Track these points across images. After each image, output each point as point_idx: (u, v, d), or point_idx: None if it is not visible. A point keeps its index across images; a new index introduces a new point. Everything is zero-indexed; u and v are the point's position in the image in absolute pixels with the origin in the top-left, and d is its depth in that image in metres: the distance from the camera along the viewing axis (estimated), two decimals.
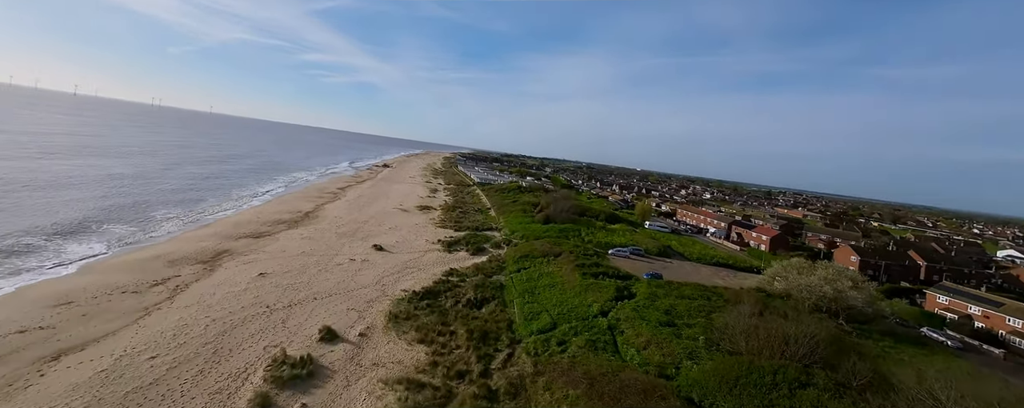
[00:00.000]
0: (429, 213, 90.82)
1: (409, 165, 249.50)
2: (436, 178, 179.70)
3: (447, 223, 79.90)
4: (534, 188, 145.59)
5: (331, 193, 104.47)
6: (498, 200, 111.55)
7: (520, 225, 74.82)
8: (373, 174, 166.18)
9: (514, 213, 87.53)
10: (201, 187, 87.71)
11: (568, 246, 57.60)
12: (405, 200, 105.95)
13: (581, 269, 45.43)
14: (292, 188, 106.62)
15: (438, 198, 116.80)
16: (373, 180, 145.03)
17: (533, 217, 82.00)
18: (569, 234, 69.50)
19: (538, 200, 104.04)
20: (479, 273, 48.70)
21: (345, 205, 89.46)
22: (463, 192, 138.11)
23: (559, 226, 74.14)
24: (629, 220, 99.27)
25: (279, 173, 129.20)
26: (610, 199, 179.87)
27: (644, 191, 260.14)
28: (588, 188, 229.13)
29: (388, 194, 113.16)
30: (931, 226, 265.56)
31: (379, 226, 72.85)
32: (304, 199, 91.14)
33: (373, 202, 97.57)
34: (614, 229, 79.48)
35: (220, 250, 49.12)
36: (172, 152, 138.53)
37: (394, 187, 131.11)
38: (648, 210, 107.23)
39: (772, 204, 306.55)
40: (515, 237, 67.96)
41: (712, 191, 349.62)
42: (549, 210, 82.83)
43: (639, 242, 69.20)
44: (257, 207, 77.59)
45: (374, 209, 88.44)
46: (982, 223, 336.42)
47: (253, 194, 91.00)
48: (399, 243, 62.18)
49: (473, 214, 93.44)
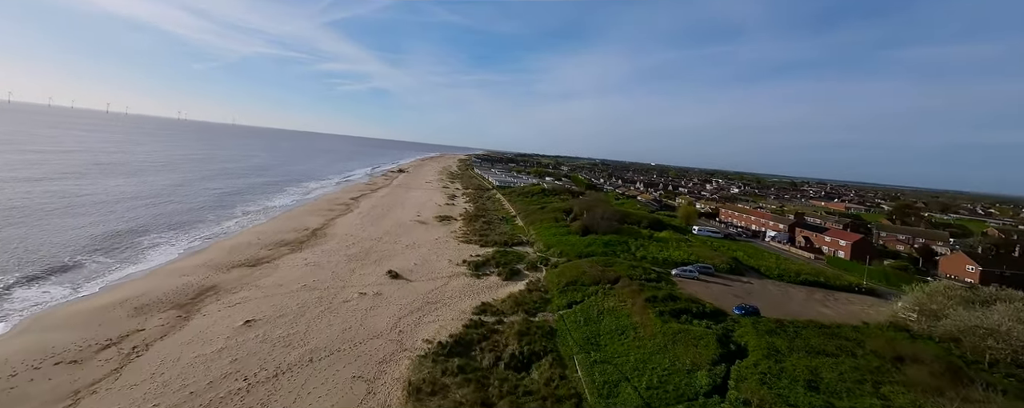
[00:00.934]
0: (449, 225, 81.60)
1: (425, 169, 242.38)
2: (453, 183, 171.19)
3: (471, 237, 70.40)
4: (558, 190, 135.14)
5: (343, 204, 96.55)
6: (523, 206, 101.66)
7: (555, 238, 64.66)
8: (388, 181, 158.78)
9: (545, 222, 77.42)
10: (206, 204, 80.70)
11: (622, 267, 47.18)
12: (422, 209, 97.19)
13: (653, 305, 35.03)
14: (304, 200, 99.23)
15: (458, 205, 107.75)
16: (388, 187, 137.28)
17: (568, 227, 71.69)
18: (615, 248, 58.98)
19: (567, 205, 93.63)
20: (519, 308, 38.81)
21: (358, 218, 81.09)
22: (483, 197, 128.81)
23: (601, 238, 63.63)
24: (673, 225, 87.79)
25: (291, 184, 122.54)
26: (639, 199, 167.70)
27: (671, 188, 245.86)
28: (611, 187, 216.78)
29: (404, 203, 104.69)
30: (982, 214, 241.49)
31: (394, 243, 63.88)
32: (314, 213, 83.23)
33: (388, 213, 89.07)
34: (663, 239, 68.44)
35: (205, 286, 40.69)
36: (186, 167, 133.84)
37: (410, 194, 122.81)
38: (693, 213, 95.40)
39: (803, 196, 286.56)
40: (552, 254, 57.84)
41: (738, 185, 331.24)
42: (585, 218, 72.37)
43: (701, 255, 58.02)
44: (261, 226, 69.77)
45: (389, 222, 79.78)
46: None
47: (262, 209, 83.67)
48: (418, 266, 52.91)
49: (498, 224, 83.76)
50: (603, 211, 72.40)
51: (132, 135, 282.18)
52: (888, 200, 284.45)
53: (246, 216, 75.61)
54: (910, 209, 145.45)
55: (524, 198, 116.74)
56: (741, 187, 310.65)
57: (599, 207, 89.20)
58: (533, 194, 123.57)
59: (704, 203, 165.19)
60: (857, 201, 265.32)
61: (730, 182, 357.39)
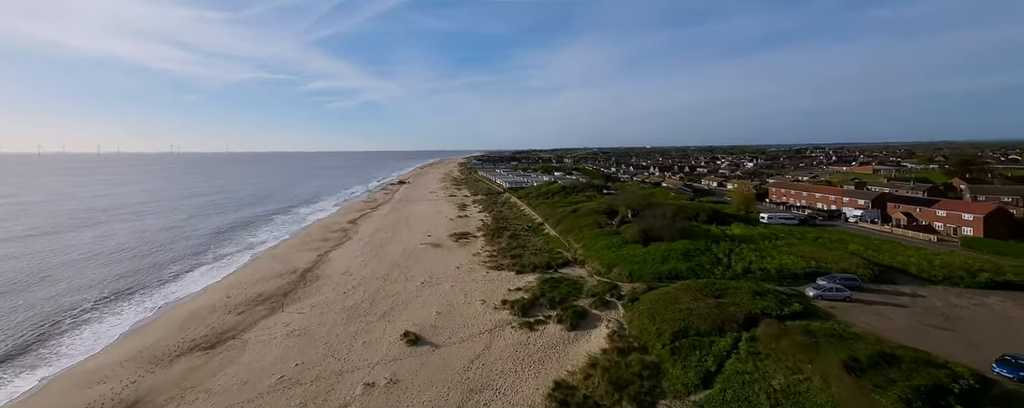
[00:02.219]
0: (469, 244, 67.05)
1: (426, 177, 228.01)
2: (459, 189, 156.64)
3: (501, 260, 55.86)
4: (578, 186, 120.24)
5: (340, 231, 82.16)
6: (548, 210, 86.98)
7: (611, 252, 49.98)
8: (389, 195, 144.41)
9: (586, 230, 62.73)
10: (174, 253, 66.25)
11: (740, 296, 32.46)
12: (433, 227, 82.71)
13: (864, 376, 20.26)
14: (296, 231, 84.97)
15: (471, 216, 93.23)
16: (390, 203, 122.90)
17: (620, 234, 56.95)
18: (701, 260, 44.26)
19: (603, 204, 78.90)
20: (619, 394, 24.18)
21: (358, 248, 66.68)
22: (497, 203, 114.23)
23: (671, 246, 48.86)
24: (736, 216, 72.94)
25: (282, 213, 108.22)
26: (664, 185, 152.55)
27: (688, 169, 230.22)
28: (626, 175, 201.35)
29: (410, 221, 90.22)
30: (1004, 160, 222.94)
31: (406, 281, 49.40)
32: (305, 247, 68.87)
33: (393, 236, 74.62)
34: (746, 237, 53.53)
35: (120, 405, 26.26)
36: (166, 206, 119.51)
37: (416, 209, 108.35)
38: (751, 197, 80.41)
39: (817, 163, 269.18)
40: (618, 277, 43.21)
41: (749, 159, 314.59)
42: (640, 221, 57.66)
43: (818, 257, 43.05)
44: (238, 273, 55.46)
45: (396, 249, 65.32)
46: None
47: (245, 248, 69.42)
48: (443, 317, 38.43)
49: (528, 237, 69.13)
50: (663, 209, 57.60)
51: (119, 176, 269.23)
52: (904, 157, 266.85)
53: (222, 261, 61.27)
54: (973, 163, 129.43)
55: (545, 200, 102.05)
56: (754, 161, 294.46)
57: (639, 202, 74.52)
58: (553, 194, 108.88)
59: (736, 183, 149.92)
60: (875, 161, 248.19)
61: (739, 157, 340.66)
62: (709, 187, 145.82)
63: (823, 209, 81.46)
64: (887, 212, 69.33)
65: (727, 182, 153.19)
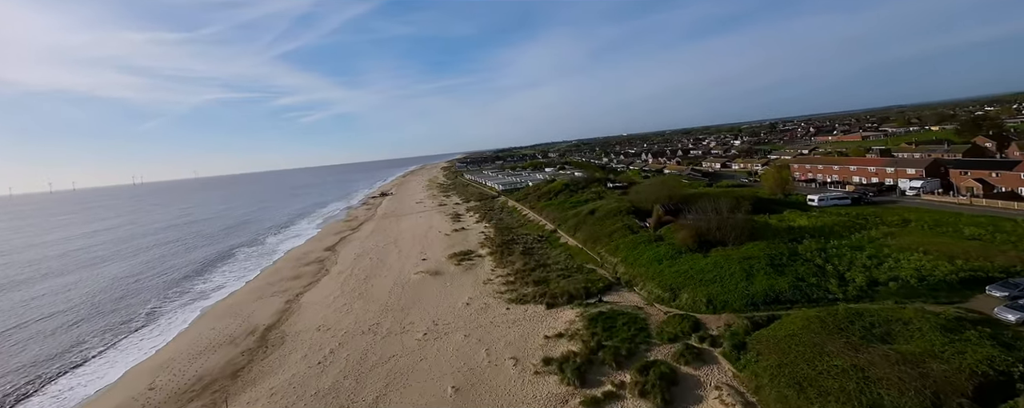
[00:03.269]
0: (475, 267, 54.86)
1: (410, 186, 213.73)
2: (448, 196, 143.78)
3: (520, 287, 43.98)
4: (580, 182, 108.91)
5: (316, 263, 68.76)
6: (556, 213, 75.46)
7: (667, 268, 38.62)
8: (371, 211, 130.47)
9: (616, 238, 51.37)
10: (97, 321, 51.64)
11: (925, 338, 21.37)
12: (427, 246, 70.11)
13: None
14: (262, 267, 71.14)
15: (470, 228, 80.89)
16: (373, 220, 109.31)
17: (667, 241, 45.65)
18: (796, 269, 33.20)
19: (620, 203, 67.79)
20: None
21: (336, 286, 53.67)
22: (495, 209, 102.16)
23: (740, 253, 37.77)
24: (780, 201, 62.91)
25: (247, 245, 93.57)
26: (667, 172, 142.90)
27: (682, 153, 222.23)
28: (623, 166, 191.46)
29: (399, 242, 77.28)
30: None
31: (402, 333, 37.02)
32: (270, 291, 55.46)
33: (380, 264, 61.78)
34: (831, 230, 42.84)
35: None
36: (107, 251, 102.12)
37: (403, 225, 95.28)
38: (786, 178, 70.47)
39: (802, 136, 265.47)
40: (696, 306, 31.80)
41: (737, 138, 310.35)
42: (691, 222, 46.54)
43: (955, 253, 32.63)
44: (174, 345, 41.95)
45: (384, 282, 52.60)
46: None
47: (196, 297, 55.67)
48: (463, 395, 26.39)
49: (543, 251, 57.39)
50: (712, 202, 46.51)
51: (70, 216, 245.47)
52: (883, 123, 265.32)
53: (158, 325, 47.43)
54: (984, 120, 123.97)
55: (548, 201, 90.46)
56: (743, 140, 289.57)
57: (666, 194, 63.62)
58: (555, 193, 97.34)
59: (743, 162, 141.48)
60: (858, 129, 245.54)
61: (725, 137, 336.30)
62: (714, 169, 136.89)
63: (868, 184, 72.28)
64: (949, 180, 60.40)
65: (732, 162, 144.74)
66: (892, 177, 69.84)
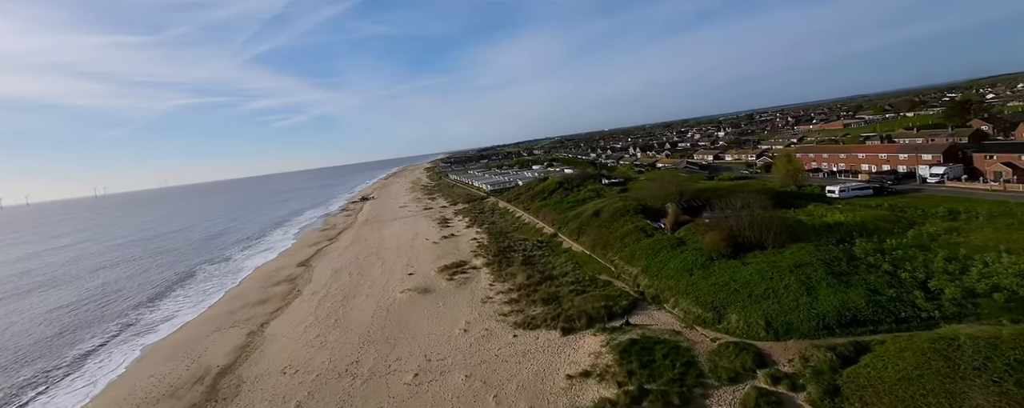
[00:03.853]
0: (470, 281, 48.07)
1: (393, 189, 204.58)
2: (434, 199, 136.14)
3: (526, 306, 37.53)
4: (573, 179, 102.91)
5: (286, 282, 60.73)
6: (554, 215, 69.27)
7: (700, 279, 32.73)
8: (351, 217, 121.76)
9: (629, 241, 45.40)
10: (15, 365, 42.83)
11: None
12: (413, 256, 62.89)
13: None
14: (226, 288, 62.66)
15: (460, 234, 73.87)
16: (353, 228, 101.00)
17: (690, 246, 39.84)
18: (863, 277, 27.66)
19: (627, 202, 62.02)
20: None
21: (309, 311, 46.07)
22: (486, 212, 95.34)
23: (801, 260, 32.14)
24: (797, 194, 58.24)
25: (210, 263, 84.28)
26: (660, 166, 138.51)
27: (670, 146, 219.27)
28: (612, 161, 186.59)
29: (382, 252, 69.73)
30: (992, 96, 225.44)
31: (388, 375, 30.04)
32: (229, 321, 47.43)
33: (361, 281, 54.31)
34: (876, 227, 37.71)
35: None
36: (46, 277, 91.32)
37: (387, 232, 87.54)
38: (799, 169, 65.86)
39: (784, 125, 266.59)
40: (751, 331, 25.90)
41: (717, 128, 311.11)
42: (723, 222, 40.92)
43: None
44: (100, 399, 33.88)
45: (366, 304, 45.30)
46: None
47: (140, 332, 47.24)
48: None
49: (547, 260, 51.03)
50: (742, 197, 40.91)
51: (10, 234, 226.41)
52: (857, 111, 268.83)
53: (82, 374, 39.06)
54: (968, 105, 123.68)
55: (543, 201, 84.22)
56: (726, 131, 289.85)
57: (676, 190, 58.10)
58: (549, 192, 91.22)
59: (736, 152, 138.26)
60: (836, 118, 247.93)
61: (708, 129, 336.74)
62: (708, 162, 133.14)
63: (881, 172, 68.44)
64: (974, 166, 56.78)
65: (725, 154, 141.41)
66: (906, 164, 66.15)
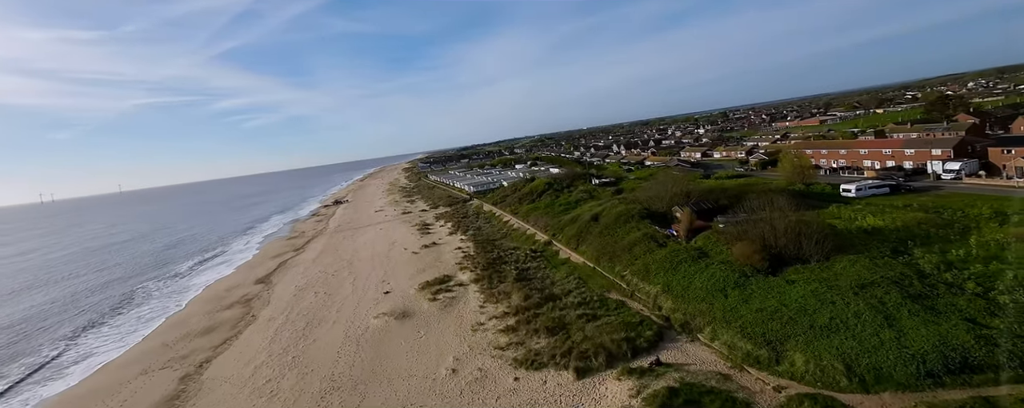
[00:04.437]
0: (456, 301, 41.21)
1: (369, 191, 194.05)
2: (413, 202, 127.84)
3: (528, 337, 31.11)
4: (562, 179, 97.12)
5: (240, 304, 52.12)
6: (546, 219, 63.08)
7: (739, 303, 27.14)
8: (321, 223, 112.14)
9: (639, 251, 39.58)
10: None
11: None
12: (390, 270, 55.34)
13: None
14: (171, 311, 53.47)
15: (443, 243, 66.56)
16: (323, 235, 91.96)
17: (715, 258, 34.24)
18: (949, 300, 22.46)
19: (628, 206, 56.43)
20: None
21: (262, 345, 38.10)
22: (470, 216, 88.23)
23: (861, 278, 26.86)
24: (804, 193, 53.99)
25: (157, 279, 74.00)
26: (648, 164, 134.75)
27: (653, 143, 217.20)
28: (598, 160, 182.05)
29: (354, 265, 61.75)
30: (968, 89, 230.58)
31: None
32: (161, 360, 38.90)
33: (328, 303, 46.49)
34: (923, 233, 33.05)
35: None
36: None
37: (360, 240, 79.25)
38: (807, 167, 61.83)
39: (762, 123, 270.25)
40: (827, 378, 20.20)
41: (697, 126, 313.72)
42: (743, 230, 35.54)
43: None
44: None
45: (333, 336, 37.73)
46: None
47: (53, 374, 38.43)
48: None
49: (544, 274, 44.69)
50: (759, 197, 35.67)
51: None
52: (826, 108, 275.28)
53: None
54: (949, 100, 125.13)
55: (532, 204, 77.91)
56: (706, 128, 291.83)
57: (680, 191, 52.83)
58: (538, 194, 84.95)
59: (724, 149, 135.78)
60: (809, 115, 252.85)
61: (688, 126, 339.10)
62: (696, 159, 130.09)
63: (885, 168, 65.43)
64: (989, 160, 53.99)
65: (713, 151, 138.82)
66: (913, 159, 63.29)
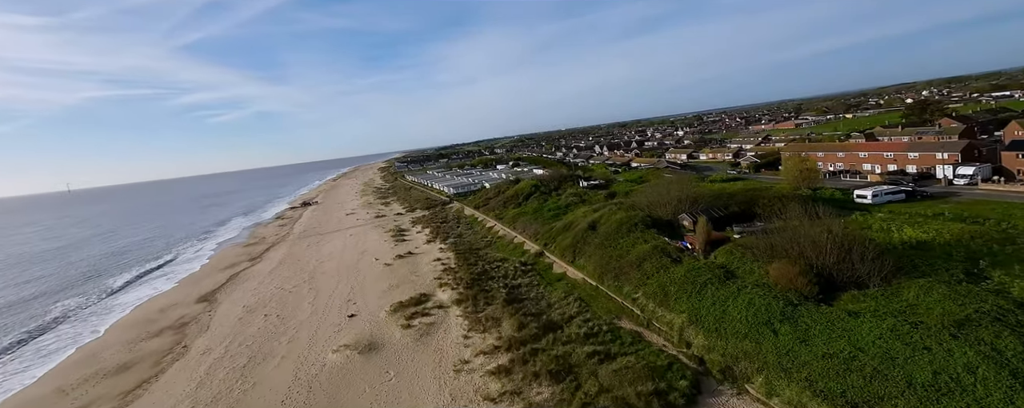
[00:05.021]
0: (433, 329, 34.19)
1: (341, 192, 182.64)
2: (387, 203, 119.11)
3: (524, 381, 24.55)
4: (549, 181, 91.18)
5: (171, 333, 43.25)
6: (535, 226, 56.87)
7: (804, 346, 21.41)
8: (286, 227, 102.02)
9: (649, 268, 33.74)
10: None
11: None
12: (358, 287, 47.52)
13: None
14: (82, 341, 43.96)
15: (419, 251, 59.07)
16: (284, 243, 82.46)
17: (744, 280, 28.64)
18: None
19: (628, 212, 50.81)
20: None
21: (185, 398, 29.90)
22: (450, 221, 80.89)
23: (950, 313, 21.60)
24: (812, 199, 49.68)
25: (81, 295, 63.24)
26: (634, 165, 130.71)
27: (636, 144, 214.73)
28: (582, 160, 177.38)
29: (316, 279, 53.45)
30: (940, 95, 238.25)
31: None
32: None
33: (280, 332, 38.44)
34: (964, 249, 28.56)
35: None
36: None
37: (327, 249, 70.63)
38: (813, 172, 57.62)
39: (737, 125, 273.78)
40: None
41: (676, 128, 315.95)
42: (772, 243, 30.10)
43: None
44: None
45: (279, 377, 29.98)
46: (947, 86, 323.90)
47: None
48: None
49: (538, 293, 38.22)
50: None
51: None
52: (797, 112, 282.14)
53: None
54: (928, 104, 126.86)
55: (518, 208, 71.50)
56: (684, 131, 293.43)
57: (687, 195, 47.58)
58: (525, 197, 78.59)
59: (711, 152, 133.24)
60: (784, 118, 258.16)
61: (667, 128, 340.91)
62: (682, 161, 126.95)
63: (886, 172, 62.48)
64: (1003, 165, 51.35)
65: (698, 153, 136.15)
66: (916, 163, 60.55)
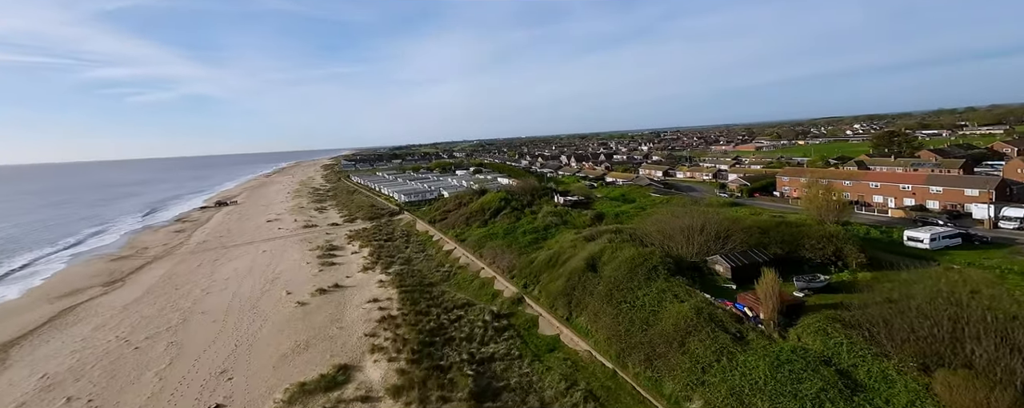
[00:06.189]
0: None
1: (270, 191, 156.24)
2: (323, 209, 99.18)
3: None
4: (521, 195, 77.12)
5: None
6: (511, 258, 43.05)
7: None
8: (181, 234, 79.16)
9: (696, 349, 21.28)
10: None
11: None
12: (244, 348, 30.40)
13: None
14: None
15: (351, 283, 42.47)
16: (169, 259, 61.19)
17: (914, 391, 16.45)
18: None
19: (641, 252, 38.49)
20: None
21: None
22: (397, 238, 64.38)
23: None
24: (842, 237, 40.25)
25: None
26: (609, 181, 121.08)
27: (605, 157, 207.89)
28: (550, 171, 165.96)
29: (186, 328, 35.20)
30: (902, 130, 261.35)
31: None
32: None
33: None
34: None
35: None
36: None
37: (225, 271, 51.32)
38: (842, 202, 47.89)
39: (697, 145, 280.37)
40: None
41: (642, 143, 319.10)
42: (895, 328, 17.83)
43: None
44: None
45: None
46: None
47: None
48: None
49: (527, 385, 23.98)
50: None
51: None
52: (750, 137, 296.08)
53: None
54: (895, 135, 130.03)
55: (488, 229, 57.02)
56: (648, 146, 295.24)
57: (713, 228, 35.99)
58: (494, 213, 64.21)
59: (689, 170, 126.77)
60: (741, 141, 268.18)
61: (628, 143, 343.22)
62: (659, 178, 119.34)
63: (902, 206, 55.90)
64: None
65: (675, 170, 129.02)
66: (938, 199, 54.39)
